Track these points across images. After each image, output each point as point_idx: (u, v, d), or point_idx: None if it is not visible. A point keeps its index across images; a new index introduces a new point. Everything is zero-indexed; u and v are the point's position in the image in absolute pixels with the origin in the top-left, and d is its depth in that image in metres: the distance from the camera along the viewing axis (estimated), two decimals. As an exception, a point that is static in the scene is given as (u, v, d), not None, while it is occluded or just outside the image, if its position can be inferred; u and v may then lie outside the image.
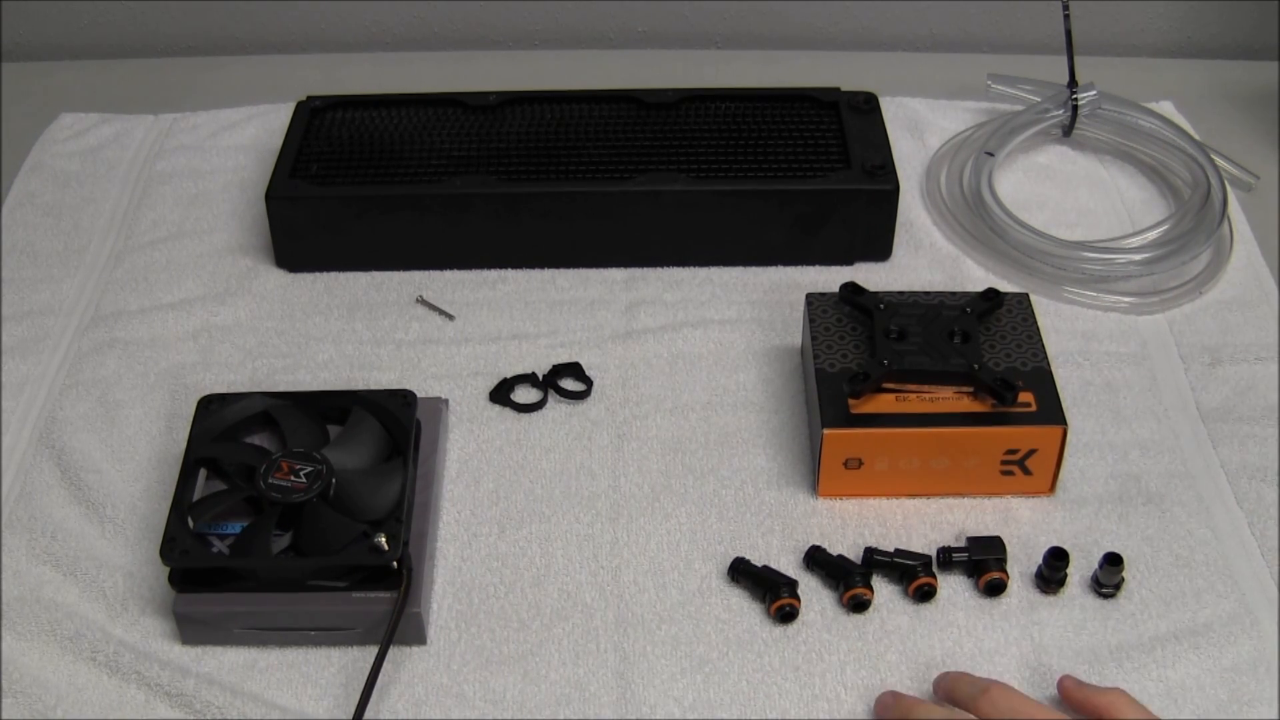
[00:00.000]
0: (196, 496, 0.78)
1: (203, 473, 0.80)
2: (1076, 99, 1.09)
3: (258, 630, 0.76)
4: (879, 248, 1.00)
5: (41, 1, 1.28)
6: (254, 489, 0.77)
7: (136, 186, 1.09)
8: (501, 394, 0.91)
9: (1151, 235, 0.99)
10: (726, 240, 1.00)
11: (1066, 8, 1.08)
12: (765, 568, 0.79)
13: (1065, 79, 1.09)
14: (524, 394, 0.91)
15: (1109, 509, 0.83)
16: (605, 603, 0.78)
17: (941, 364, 0.82)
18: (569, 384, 0.92)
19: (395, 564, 0.75)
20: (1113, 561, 0.77)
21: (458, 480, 0.85)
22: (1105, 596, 0.78)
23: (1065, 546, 0.78)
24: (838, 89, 1.06)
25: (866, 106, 1.05)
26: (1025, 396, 0.81)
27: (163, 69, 1.27)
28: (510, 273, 1.00)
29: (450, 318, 0.97)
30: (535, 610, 0.78)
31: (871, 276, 0.99)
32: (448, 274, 1.00)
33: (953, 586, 0.79)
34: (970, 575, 0.79)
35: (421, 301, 0.98)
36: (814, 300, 0.89)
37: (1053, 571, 0.77)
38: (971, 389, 0.82)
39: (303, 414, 0.82)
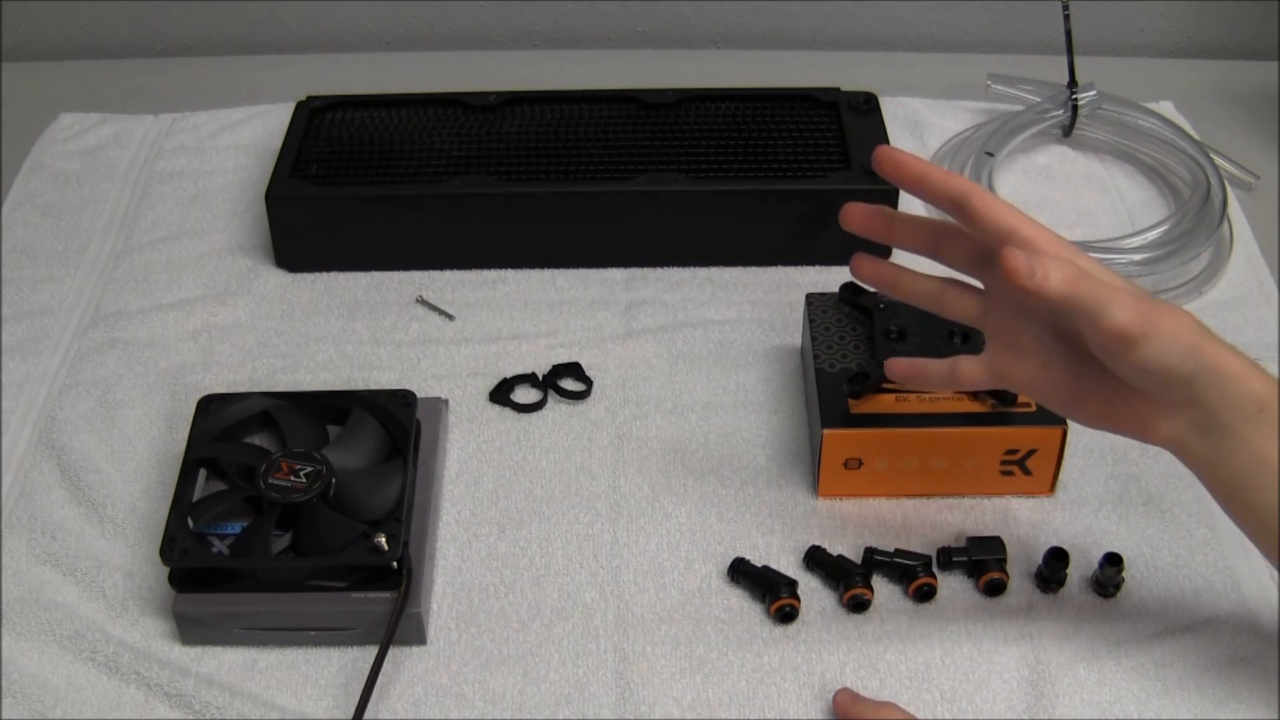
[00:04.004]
0: (196, 496, 0.78)
1: (203, 473, 0.80)
2: (1076, 99, 1.09)
3: (258, 630, 0.76)
4: (879, 247, 1.00)
5: (41, 1, 1.28)
6: (254, 489, 0.77)
7: (136, 186, 1.09)
8: (501, 394, 0.91)
9: (1151, 235, 0.99)
10: (726, 240, 1.00)
11: (1066, 8, 1.08)
12: (765, 568, 0.79)
13: (1065, 79, 1.09)
14: (524, 394, 0.91)
15: (1109, 509, 0.83)
16: (605, 603, 0.78)
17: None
18: (569, 384, 0.92)
19: (395, 564, 0.75)
20: (1113, 561, 0.77)
21: (458, 480, 0.85)
22: (1105, 596, 0.78)
23: (1065, 546, 0.78)
24: (838, 89, 1.06)
25: (866, 106, 1.05)
26: (1026, 397, 0.81)
27: (163, 69, 1.27)
28: (510, 273, 1.00)
29: (450, 318, 0.97)
30: (535, 610, 0.78)
31: (871, 276, 0.99)
32: (448, 274, 1.00)
33: (953, 586, 0.79)
34: (970, 575, 0.79)
35: (421, 301, 0.98)
36: (814, 300, 0.89)
37: (1053, 571, 0.77)
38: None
39: (303, 414, 0.82)
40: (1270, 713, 0.72)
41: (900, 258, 0.76)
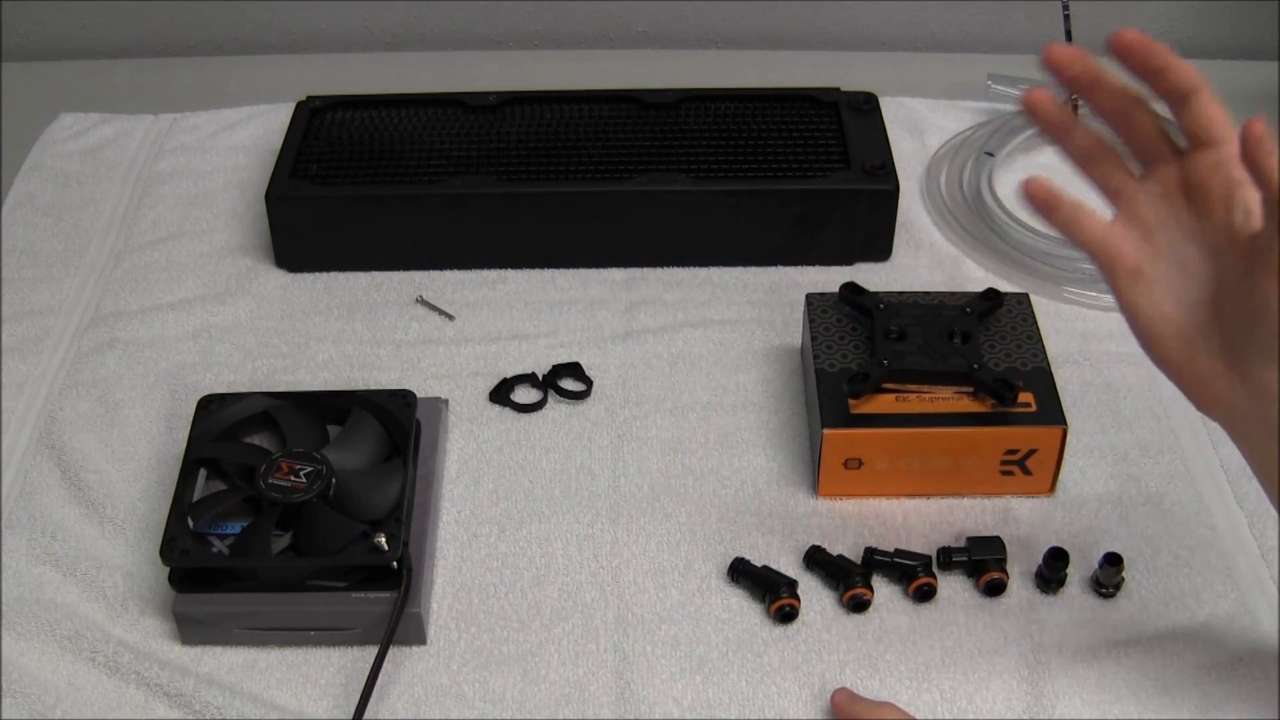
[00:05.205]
0: (196, 496, 0.78)
1: (203, 473, 0.80)
2: (1077, 99, 1.09)
3: (258, 630, 0.76)
4: (879, 248, 1.00)
5: (41, 1, 1.28)
6: (254, 489, 0.77)
7: (136, 186, 1.09)
8: (501, 394, 0.91)
9: (1151, 235, 0.99)
10: (726, 240, 1.00)
11: (1066, 8, 1.08)
12: (765, 568, 0.79)
13: (1065, 79, 1.09)
14: (524, 394, 0.91)
15: (1109, 509, 0.83)
16: (605, 603, 0.78)
17: (941, 364, 0.82)
18: (569, 384, 0.92)
19: (395, 564, 0.75)
20: (1113, 561, 0.77)
21: (458, 480, 0.85)
22: (1105, 596, 0.78)
23: (1065, 546, 0.78)
24: (838, 89, 1.06)
25: (866, 106, 1.05)
26: (1025, 397, 0.81)
27: (163, 69, 1.27)
28: (510, 273, 1.00)
29: (450, 318, 0.97)
30: (535, 610, 0.78)
31: (871, 276, 0.99)
32: (448, 274, 1.00)
33: (953, 586, 0.79)
34: (970, 575, 0.79)
35: (421, 301, 0.98)
36: (814, 300, 0.89)
37: (1053, 571, 0.77)
38: (971, 389, 0.82)
39: (303, 414, 0.82)
40: (1270, 713, 0.72)
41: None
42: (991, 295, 0.87)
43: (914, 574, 0.78)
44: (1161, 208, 0.66)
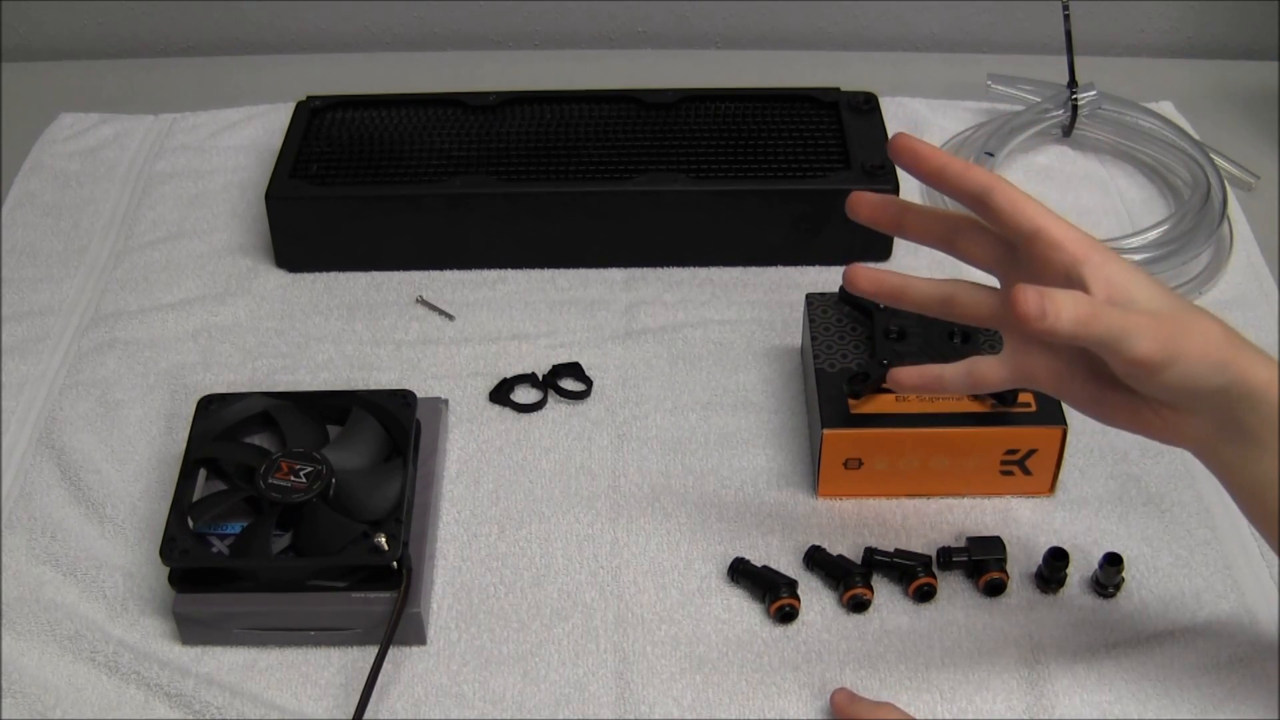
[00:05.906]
0: (196, 496, 0.78)
1: (203, 473, 0.80)
2: (1076, 99, 1.09)
3: (258, 630, 0.76)
4: (879, 248, 1.00)
5: (41, 1, 1.28)
6: (254, 489, 0.77)
7: (136, 186, 1.09)
8: (501, 394, 0.91)
9: (1151, 235, 0.99)
10: (726, 240, 1.00)
11: (1066, 8, 1.08)
12: (765, 568, 0.79)
13: (1065, 79, 1.09)
14: (524, 394, 0.91)
15: (1109, 509, 0.83)
16: (605, 603, 0.78)
17: (941, 364, 0.82)
18: (569, 384, 0.92)
19: (395, 564, 0.75)
20: (1113, 561, 0.77)
21: (458, 480, 0.85)
22: (1105, 596, 0.78)
23: (1065, 546, 0.78)
24: (838, 89, 1.06)
25: (866, 106, 1.05)
26: (1025, 397, 0.81)
27: (163, 69, 1.27)
28: (510, 273, 1.00)
29: (450, 318, 0.97)
30: (535, 610, 0.78)
31: (871, 276, 0.99)
32: (448, 274, 1.00)
33: (953, 586, 0.79)
34: (970, 575, 0.79)
35: (421, 301, 0.98)
36: (814, 300, 0.89)
37: (1053, 571, 0.77)
38: (971, 389, 0.82)
39: (303, 414, 0.82)
40: (1270, 713, 0.72)
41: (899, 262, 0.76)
42: (991, 295, 0.87)
43: (914, 574, 0.78)
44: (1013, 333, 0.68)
